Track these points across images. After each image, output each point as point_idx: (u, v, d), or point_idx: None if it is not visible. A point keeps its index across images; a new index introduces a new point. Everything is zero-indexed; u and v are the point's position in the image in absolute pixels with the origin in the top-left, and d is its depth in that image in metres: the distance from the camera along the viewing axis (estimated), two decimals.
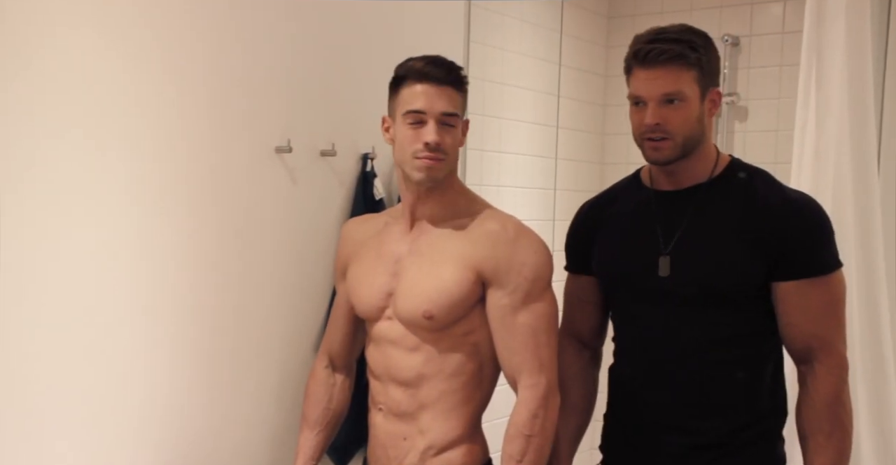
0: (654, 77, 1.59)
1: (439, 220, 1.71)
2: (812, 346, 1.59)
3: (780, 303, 1.59)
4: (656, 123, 1.59)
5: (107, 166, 1.70)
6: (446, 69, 1.67)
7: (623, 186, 1.83)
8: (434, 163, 1.64)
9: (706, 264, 1.60)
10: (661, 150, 1.61)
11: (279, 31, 2.01)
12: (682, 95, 1.58)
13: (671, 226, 1.65)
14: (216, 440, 1.94)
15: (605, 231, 1.77)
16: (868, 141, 2.36)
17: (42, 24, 1.59)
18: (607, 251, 1.76)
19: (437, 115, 1.64)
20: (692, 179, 1.66)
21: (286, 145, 2.01)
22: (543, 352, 1.65)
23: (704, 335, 1.62)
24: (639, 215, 1.72)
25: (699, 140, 1.62)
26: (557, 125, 3.16)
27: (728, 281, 1.59)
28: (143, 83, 1.75)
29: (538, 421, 1.63)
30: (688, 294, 1.61)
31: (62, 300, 1.65)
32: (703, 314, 1.62)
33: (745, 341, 1.62)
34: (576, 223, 1.87)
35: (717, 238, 1.61)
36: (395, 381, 1.70)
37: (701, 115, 1.61)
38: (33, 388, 1.62)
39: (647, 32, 1.64)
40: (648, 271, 1.65)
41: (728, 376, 1.62)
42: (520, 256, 1.64)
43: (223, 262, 1.92)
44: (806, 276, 1.57)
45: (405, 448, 1.70)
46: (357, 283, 1.78)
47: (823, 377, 1.58)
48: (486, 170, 2.82)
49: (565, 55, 3.18)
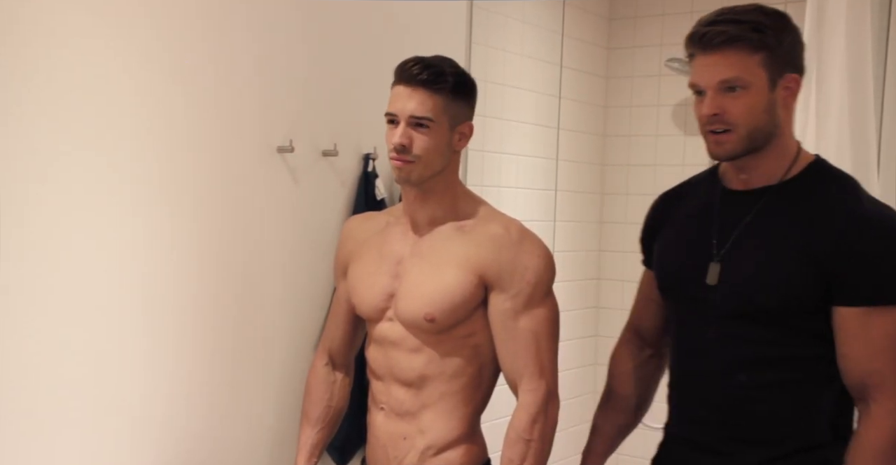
0: (711, 63, 1.43)
1: (440, 222, 1.71)
2: (867, 383, 1.40)
3: (837, 330, 1.41)
4: (714, 114, 1.44)
5: (109, 166, 1.71)
6: (422, 69, 1.61)
7: (699, 179, 1.67)
8: (402, 164, 1.63)
9: (753, 276, 1.46)
10: (723, 144, 1.45)
11: (281, 32, 2.02)
12: (743, 81, 1.41)
13: (728, 230, 1.51)
14: (217, 439, 1.95)
15: (668, 228, 1.65)
16: (868, 144, 2.36)
17: (47, 24, 1.59)
18: (663, 250, 1.65)
19: (406, 117, 1.62)
20: (763, 180, 1.50)
21: (288, 145, 2.02)
22: (544, 357, 1.65)
23: (744, 353, 1.47)
24: (701, 215, 1.58)
25: (770, 133, 1.45)
26: (558, 126, 3.17)
27: (773, 299, 1.43)
28: (147, 84, 1.76)
29: (538, 426, 1.63)
30: (730, 307, 1.48)
31: (64, 299, 1.66)
32: (746, 330, 1.47)
33: (793, 365, 1.46)
34: (647, 216, 1.73)
35: (770, 249, 1.45)
36: (399, 381, 1.70)
37: (771, 104, 1.44)
38: (35, 387, 1.63)
39: (711, 13, 1.47)
40: (697, 276, 1.52)
41: (767, 400, 1.47)
42: (523, 260, 1.64)
43: (225, 261, 1.93)
44: (869, 303, 1.39)
45: (405, 448, 1.70)
46: (358, 283, 1.77)
47: (879, 421, 1.40)
48: (488, 171, 2.82)
49: (566, 57, 3.18)
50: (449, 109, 1.64)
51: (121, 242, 1.73)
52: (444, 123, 1.64)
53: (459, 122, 1.67)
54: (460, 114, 1.67)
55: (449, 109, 1.64)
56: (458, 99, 1.66)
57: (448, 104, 1.63)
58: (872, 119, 2.37)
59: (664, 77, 3.32)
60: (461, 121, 1.68)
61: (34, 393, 1.63)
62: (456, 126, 1.67)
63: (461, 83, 1.66)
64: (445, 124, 1.64)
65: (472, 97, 1.70)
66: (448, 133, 1.66)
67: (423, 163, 1.63)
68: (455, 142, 1.68)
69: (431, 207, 1.71)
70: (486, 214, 1.71)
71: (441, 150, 1.65)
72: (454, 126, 1.66)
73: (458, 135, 1.68)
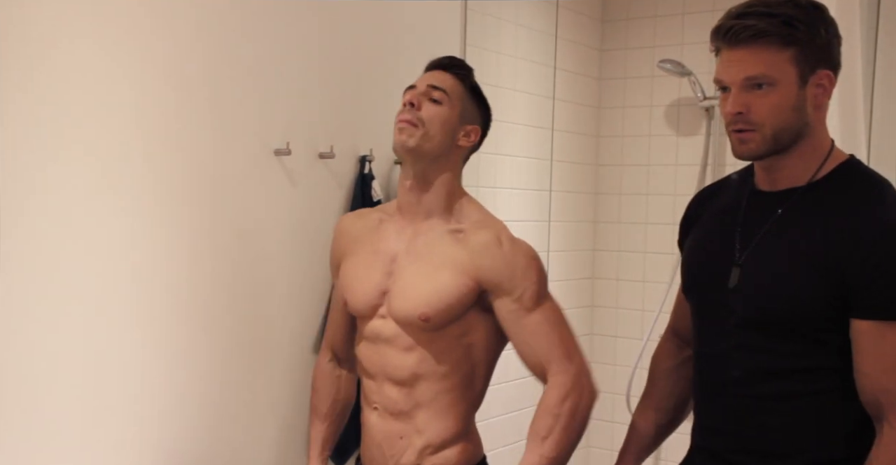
0: (737, 58, 1.36)
1: (434, 218, 1.72)
2: (882, 401, 1.33)
3: (854, 344, 1.34)
4: (738, 112, 1.37)
5: (105, 168, 1.71)
6: (449, 59, 1.78)
7: (735, 177, 1.59)
8: (405, 125, 1.68)
9: (768, 285, 1.39)
10: (747, 142, 1.38)
11: (277, 35, 2.03)
12: (770, 78, 1.34)
13: (751, 232, 1.44)
14: (217, 440, 1.96)
15: (697, 227, 1.59)
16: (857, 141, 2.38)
17: (43, 27, 1.60)
18: (689, 251, 1.60)
19: (424, 87, 1.71)
20: (790, 180, 1.43)
21: (285, 148, 2.03)
22: (569, 342, 1.67)
23: (759, 364, 1.42)
24: (728, 215, 1.51)
25: (798, 133, 1.38)
26: (552, 128, 3.19)
27: (787, 309, 1.37)
28: (143, 86, 1.76)
29: (568, 403, 1.62)
30: (746, 316, 1.42)
31: (60, 301, 1.66)
32: (761, 341, 1.41)
33: (809, 377, 1.39)
34: (684, 214, 1.68)
35: (787, 256, 1.38)
36: (391, 380, 1.71)
37: (800, 103, 1.36)
38: (34, 388, 1.63)
39: (740, 5, 1.38)
40: (718, 280, 1.46)
41: (780, 413, 1.41)
42: (520, 263, 1.66)
43: (222, 264, 1.93)
44: (884, 317, 1.31)
45: (402, 447, 1.71)
46: (351, 279, 1.78)
47: (889, 443, 1.32)
48: (483, 172, 2.84)
49: (560, 58, 3.20)
50: (463, 99, 1.74)
51: (117, 244, 1.74)
52: (457, 107, 1.72)
53: (469, 120, 1.74)
54: (472, 113, 1.75)
55: (463, 98, 1.74)
56: (473, 98, 1.76)
57: (463, 94, 1.74)
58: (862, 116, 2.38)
59: (656, 78, 3.34)
60: (471, 121, 1.75)
61: (31, 394, 1.63)
62: (465, 122, 1.73)
63: (479, 89, 1.78)
64: (457, 109, 1.72)
65: (485, 109, 1.80)
66: (456, 119, 1.72)
67: (424, 130, 1.68)
68: (459, 136, 1.72)
69: (425, 200, 1.73)
70: (480, 219, 1.73)
71: (445, 128, 1.70)
72: (463, 120, 1.73)
73: (463, 131, 1.73)
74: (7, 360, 1.59)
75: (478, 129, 1.76)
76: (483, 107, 1.78)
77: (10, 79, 1.56)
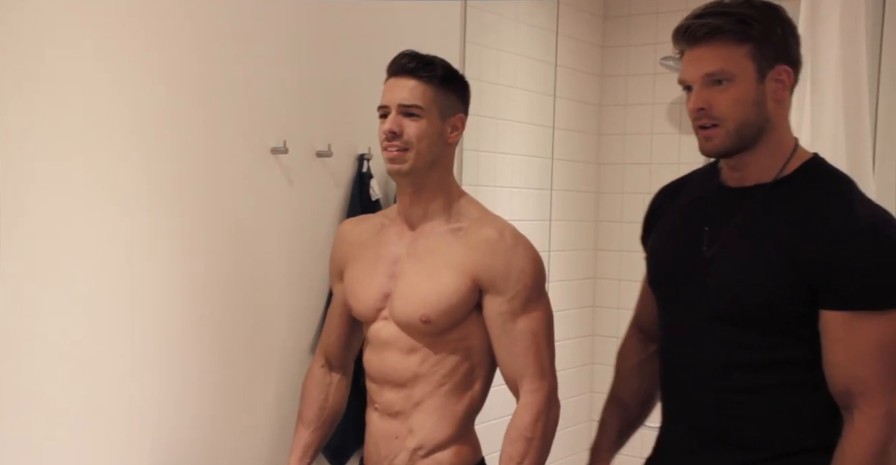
0: (697, 57, 1.41)
1: (435, 220, 1.71)
2: (853, 390, 1.36)
3: (824, 335, 1.38)
4: (700, 108, 1.41)
5: (101, 168, 1.70)
6: (410, 60, 1.65)
7: (699, 174, 1.64)
8: (396, 153, 1.64)
9: (738, 278, 1.42)
10: (711, 139, 1.42)
11: (275, 33, 2.02)
12: (728, 73, 1.39)
13: (719, 228, 1.47)
14: (213, 441, 1.95)
15: (661, 222, 1.63)
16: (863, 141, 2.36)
17: (37, 27, 1.59)
18: (654, 245, 1.62)
19: (397, 106, 1.65)
20: (756, 177, 1.46)
21: (282, 146, 2.01)
22: (544, 358, 1.66)
23: (727, 356, 1.44)
24: (694, 211, 1.55)
25: (761, 128, 1.42)
26: (554, 125, 3.17)
27: (756, 302, 1.40)
28: (139, 85, 1.75)
29: (540, 425, 1.64)
30: (714, 309, 1.45)
31: (58, 302, 1.65)
32: (729, 334, 1.44)
33: (777, 370, 1.42)
34: (647, 211, 1.70)
35: (758, 251, 1.42)
36: (390, 382, 1.71)
37: (760, 97, 1.40)
38: (30, 388, 1.62)
39: (699, 7, 1.45)
40: (687, 274, 1.50)
41: (748, 405, 1.44)
42: (518, 263, 1.64)
43: (219, 263, 1.92)
44: (856, 307, 1.34)
45: (396, 448, 1.71)
46: (355, 284, 1.78)
47: (862, 429, 1.36)
48: (483, 170, 2.82)
49: (561, 55, 3.18)
50: (439, 99, 1.66)
51: (114, 245, 1.73)
52: (435, 113, 1.66)
53: (451, 114, 1.69)
54: (451, 105, 1.69)
55: (438, 98, 1.66)
56: (449, 90, 1.68)
57: (437, 94, 1.66)
58: (867, 117, 2.37)
59: (658, 75, 3.33)
60: (452, 113, 1.69)
61: (27, 394, 1.62)
62: (447, 118, 1.68)
63: (451, 75, 1.69)
64: (436, 113, 1.66)
65: (463, 91, 1.72)
66: (439, 123, 1.67)
67: (415, 151, 1.64)
68: (447, 134, 1.69)
69: (426, 205, 1.71)
70: (481, 217, 1.71)
71: (433, 139, 1.66)
72: (445, 117, 1.68)
73: (449, 127, 1.69)
74: (4, 360, 1.57)
75: (461, 116, 1.71)
76: (459, 88, 1.71)
77: (3, 80, 1.55)
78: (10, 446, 1.60)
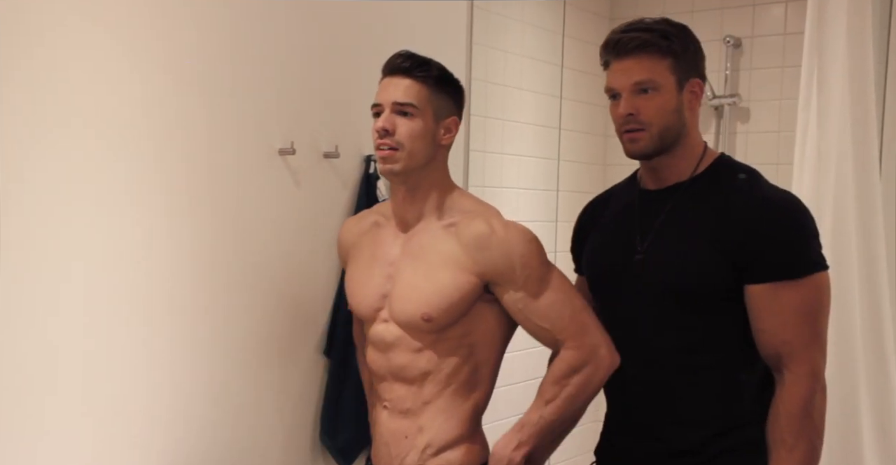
0: (626, 67, 1.57)
1: (426, 220, 1.71)
2: (781, 353, 1.52)
3: (751, 308, 1.54)
4: (629, 114, 1.56)
5: (110, 169, 1.71)
6: (406, 59, 1.66)
7: (621, 186, 1.81)
8: (387, 152, 1.64)
9: (671, 266, 1.57)
10: (637, 141, 1.58)
11: (282, 33, 2.02)
12: (655, 83, 1.55)
13: (648, 226, 1.63)
14: (222, 441, 1.95)
15: (594, 233, 1.77)
16: (869, 142, 2.36)
17: (43, 25, 1.60)
18: (589, 253, 1.76)
19: (391, 104, 1.65)
20: (674, 177, 1.63)
21: (289, 147, 2.02)
22: (582, 316, 1.66)
23: (672, 339, 1.59)
24: (623, 216, 1.70)
25: (679, 132, 1.59)
26: (560, 126, 3.17)
27: (691, 284, 1.55)
28: (147, 85, 1.76)
29: (577, 377, 1.62)
30: (654, 296, 1.59)
31: (64, 303, 1.66)
32: (671, 318, 1.58)
33: (716, 346, 1.57)
34: (576, 225, 1.87)
35: (685, 240, 1.58)
36: (400, 379, 1.71)
37: (679, 106, 1.57)
38: (38, 389, 1.63)
39: (622, 24, 1.62)
40: (622, 272, 1.64)
41: (696, 382, 1.58)
42: (516, 249, 1.64)
43: (226, 264, 1.93)
44: (776, 278, 1.51)
45: (406, 447, 1.71)
46: (353, 284, 1.79)
47: (791, 387, 1.51)
48: (489, 171, 2.83)
49: (567, 57, 3.18)
50: (433, 99, 1.66)
51: (122, 244, 1.73)
52: (429, 113, 1.66)
53: (444, 115, 1.69)
54: (445, 107, 1.69)
55: (433, 99, 1.66)
56: (443, 91, 1.68)
57: (432, 94, 1.66)
58: (874, 118, 2.37)
59: None
60: (446, 115, 1.69)
61: (35, 395, 1.63)
62: (441, 119, 1.68)
63: (445, 77, 1.69)
64: (430, 114, 1.66)
65: (457, 94, 1.72)
66: (432, 124, 1.67)
67: (406, 151, 1.64)
68: (440, 135, 1.68)
69: (419, 205, 1.71)
70: (471, 209, 1.70)
71: (426, 139, 1.66)
72: (439, 119, 1.68)
73: (443, 128, 1.69)
74: (11, 361, 1.58)
75: (455, 119, 1.71)
76: (453, 91, 1.72)
77: (11, 79, 1.55)
78: (15, 446, 1.61)
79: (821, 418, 1.53)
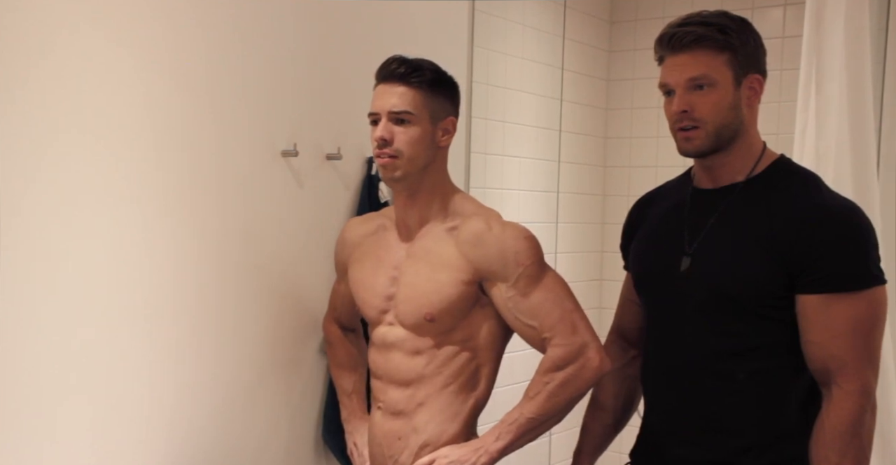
0: (680, 62, 1.51)
1: (430, 222, 1.72)
2: (830, 368, 1.45)
3: (801, 318, 1.47)
4: (683, 111, 1.50)
5: (112, 170, 1.72)
6: (399, 65, 1.66)
7: (673, 183, 1.74)
8: (387, 160, 1.65)
9: (720, 269, 1.51)
10: (692, 140, 1.52)
11: (284, 35, 2.03)
12: (710, 79, 1.48)
13: (699, 226, 1.57)
14: (224, 441, 1.96)
15: (642, 230, 1.71)
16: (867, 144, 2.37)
17: (47, 27, 1.60)
18: (637, 250, 1.71)
19: (387, 113, 1.65)
20: (730, 177, 1.56)
21: (292, 149, 2.03)
22: (573, 316, 1.65)
23: (716, 345, 1.53)
24: (673, 214, 1.64)
25: (735, 130, 1.52)
26: (560, 129, 3.18)
27: (739, 289, 1.49)
28: (149, 87, 1.77)
29: (561, 374, 1.61)
30: (701, 300, 1.53)
31: (66, 303, 1.66)
32: (717, 322, 1.52)
33: (763, 354, 1.51)
34: (626, 221, 1.80)
35: (736, 242, 1.51)
36: (395, 382, 1.72)
37: (736, 102, 1.50)
38: (40, 390, 1.63)
39: (679, 18, 1.55)
40: (669, 272, 1.58)
41: (739, 391, 1.51)
42: (511, 246, 1.65)
43: (228, 265, 1.94)
44: (831, 290, 1.43)
45: (399, 448, 1.72)
46: (359, 287, 1.81)
47: (839, 403, 1.44)
48: (490, 173, 2.84)
49: (568, 59, 3.19)
50: (429, 104, 1.67)
51: (125, 245, 1.74)
52: (426, 117, 1.66)
53: (441, 117, 1.69)
54: (442, 109, 1.69)
55: (429, 103, 1.66)
56: (438, 94, 1.68)
57: (427, 98, 1.66)
58: (872, 120, 2.37)
59: None
60: (443, 116, 1.70)
61: (37, 396, 1.63)
62: (438, 122, 1.69)
63: (440, 78, 1.69)
64: (426, 118, 1.67)
65: (453, 93, 1.73)
66: (430, 128, 1.68)
67: (406, 158, 1.65)
68: (438, 138, 1.69)
69: (421, 209, 1.72)
70: (473, 212, 1.72)
71: (424, 144, 1.67)
72: (436, 121, 1.68)
73: (440, 131, 1.70)
74: (14, 363, 1.59)
75: (452, 119, 1.72)
76: (448, 91, 1.72)
77: (13, 80, 1.56)
78: (20, 447, 1.61)
79: (869, 437, 1.46)
